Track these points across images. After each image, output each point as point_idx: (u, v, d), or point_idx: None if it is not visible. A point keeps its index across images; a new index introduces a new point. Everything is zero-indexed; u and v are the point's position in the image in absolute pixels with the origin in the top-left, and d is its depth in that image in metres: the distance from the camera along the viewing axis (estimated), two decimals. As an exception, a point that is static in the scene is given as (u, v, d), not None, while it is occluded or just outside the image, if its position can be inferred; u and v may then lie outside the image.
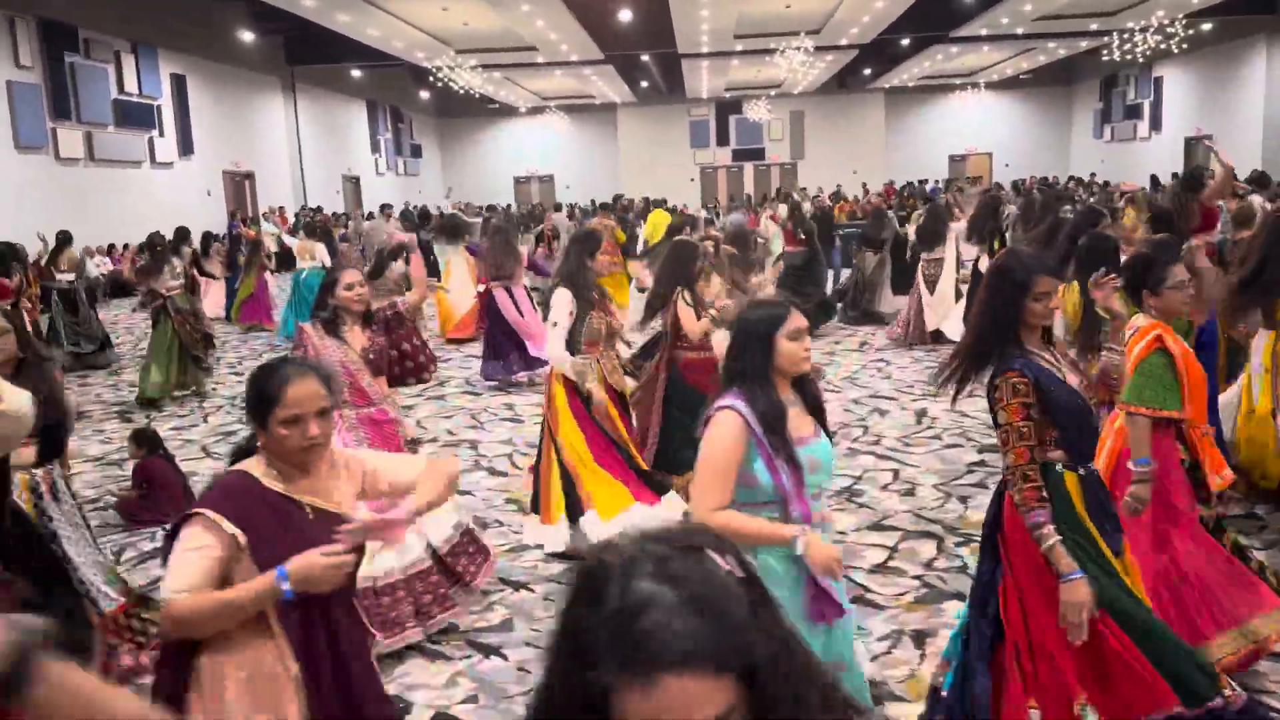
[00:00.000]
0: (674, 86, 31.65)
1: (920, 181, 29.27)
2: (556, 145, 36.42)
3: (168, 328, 8.75)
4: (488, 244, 9.50)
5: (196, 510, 2.11)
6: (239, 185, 24.23)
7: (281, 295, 13.68)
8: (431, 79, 24.31)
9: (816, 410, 2.61)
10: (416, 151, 34.88)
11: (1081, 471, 2.63)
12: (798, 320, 2.52)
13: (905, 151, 35.27)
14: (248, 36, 21.41)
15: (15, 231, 13.46)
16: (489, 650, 3.95)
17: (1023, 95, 35.33)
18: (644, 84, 31.51)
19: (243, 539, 2.08)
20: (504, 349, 8.83)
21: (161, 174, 20.77)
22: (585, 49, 23.87)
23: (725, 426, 2.43)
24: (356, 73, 26.55)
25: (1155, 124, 28.91)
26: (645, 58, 26.35)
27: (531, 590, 4.51)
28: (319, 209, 24.63)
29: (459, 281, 11.16)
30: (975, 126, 35.60)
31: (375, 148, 31.40)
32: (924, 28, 23.09)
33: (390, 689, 3.65)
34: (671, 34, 22.45)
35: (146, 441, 5.83)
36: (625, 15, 20.68)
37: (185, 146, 21.55)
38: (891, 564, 4.64)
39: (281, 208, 24.22)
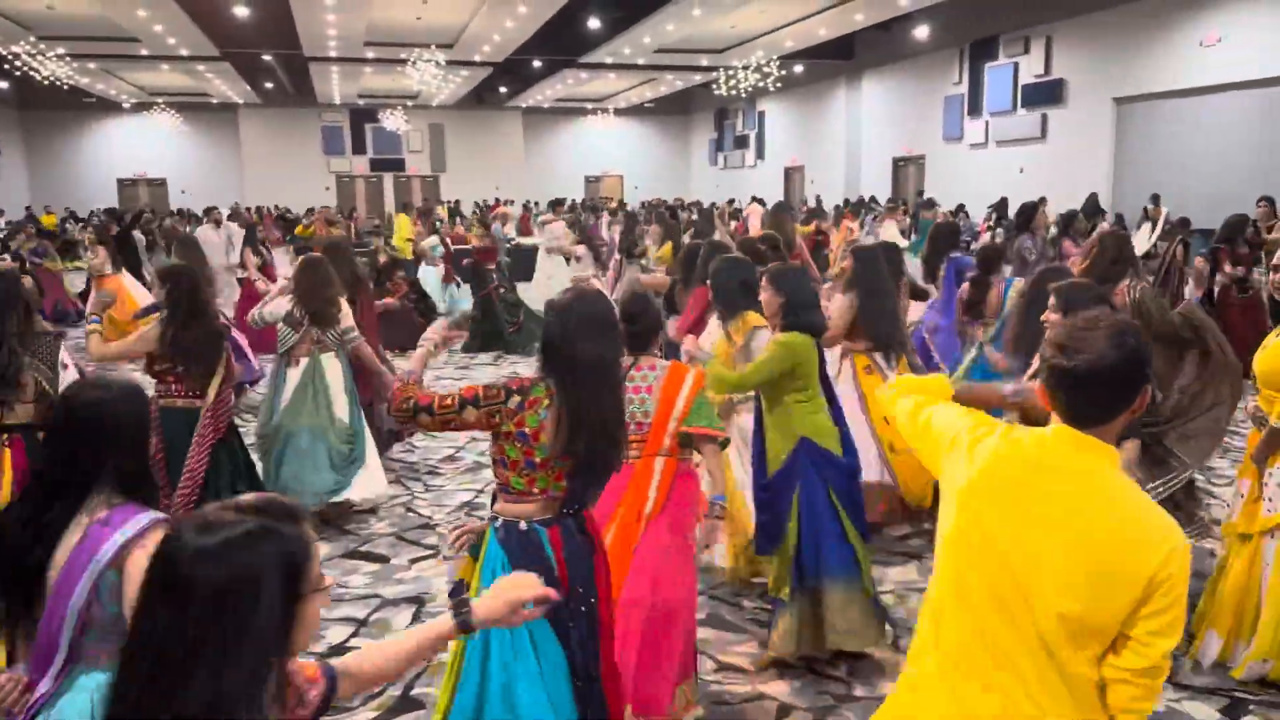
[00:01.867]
0: (303, 89, 30.12)
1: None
2: (168, 146, 33.30)
3: None
4: None
5: None
6: None
7: None
8: (7, 66, 21.17)
9: None
10: (-9, 148, 30.22)
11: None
12: None
13: (545, 170, 36.24)
14: None
15: None
16: None
17: (649, 122, 37.66)
18: (269, 85, 29.68)
19: None
20: None
21: None
22: (198, 44, 21.99)
23: None
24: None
25: (760, 153, 32.05)
26: (268, 58, 24.81)
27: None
28: None
29: None
30: (608, 149, 37.42)
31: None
32: (554, 51, 23.83)
33: None
34: (295, 35, 21.33)
35: None
36: (242, 11, 19.30)
37: None
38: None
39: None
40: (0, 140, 30.96)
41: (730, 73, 22.95)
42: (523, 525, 2.50)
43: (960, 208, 19.53)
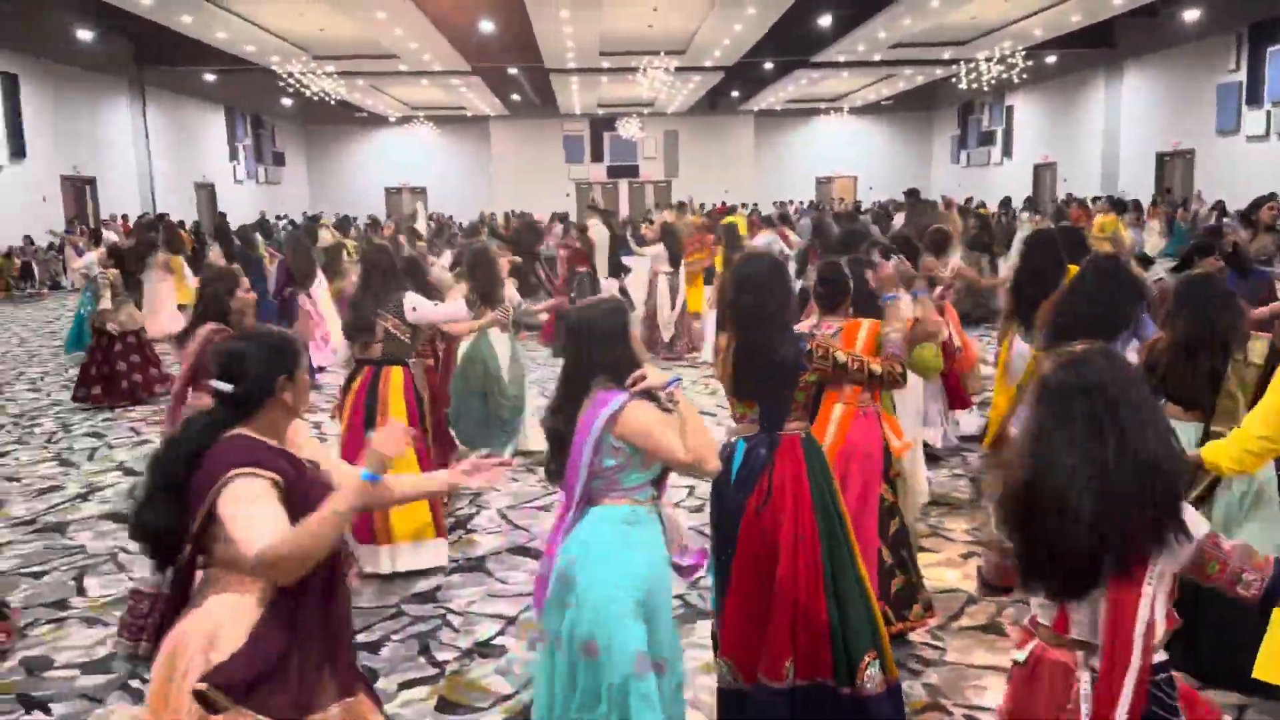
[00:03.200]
0: (547, 101, 31.53)
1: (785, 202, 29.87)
2: (428, 156, 35.87)
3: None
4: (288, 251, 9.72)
5: (233, 474, 2.14)
6: (79, 191, 22.94)
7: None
8: (281, 84, 23.53)
9: None
10: (279, 159, 33.77)
11: None
12: None
13: (775, 173, 35.96)
14: (87, 36, 20.30)
15: None
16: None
17: (885, 120, 36.47)
18: (516, 97, 31.29)
19: (281, 480, 2.19)
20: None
21: (-13, 177, 19.50)
22: (449, 59, 23.51)
23: None
24: (210, 76, 25.52)
25: (1007, 150, 30.21)
26: (513, 71, 26.13)
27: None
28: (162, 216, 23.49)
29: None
30: (841, 150, 36.58)
31: (233, 154, 30.25)
32: (785, 53, 23.57)
33: None
34: (537, 48, 22.33)
35: None
36: (487, 26, 20.46)
37: (16, 149, 20.25)
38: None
39: (125, 215, 23.05)
40: (286, 151, 34.55)
41: (971, 65, 21.78)
42: (731, 440, 3.23)
43: (1219, 205, 17.55)
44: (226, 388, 2.26)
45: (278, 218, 26.85)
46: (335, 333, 9.09)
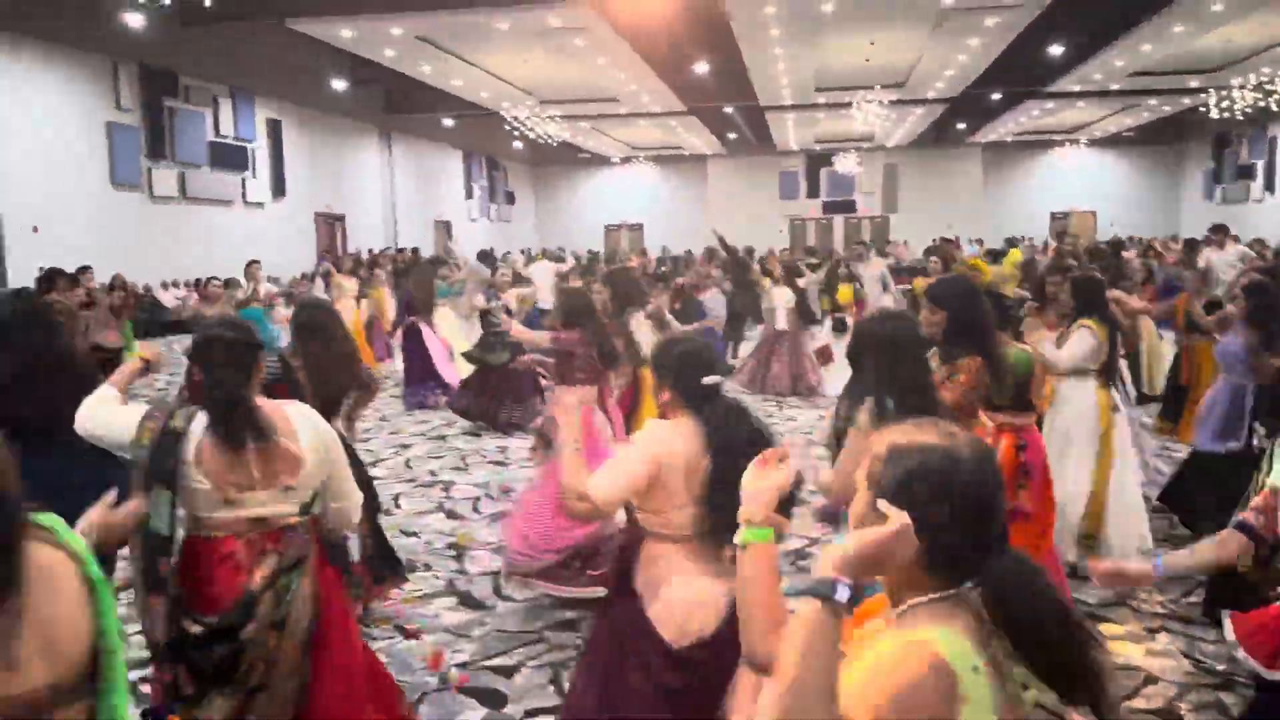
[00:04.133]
0: (763, 138, 31.63)
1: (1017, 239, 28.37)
2: (646, 194, 36.84)
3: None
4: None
5: None
6: (330, 227, 25.20)
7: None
8: (508, 128, 24.87)
9: None
10: (510, 198, 35.72)
11: None
12: None
13: (1005, 207, 34.33)
14: (341, 86, 22.39)
15: (111, 263, 14.31)
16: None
17: (1128, 152, 34.03)
18: (732, 135, 31.60)
19: None
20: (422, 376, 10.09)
21: (254, 213, 21.76)
22: (666, 101, 24.10)
23: None
24: (448, 122, 27.42)
25: (1269, 185, 27.38)
26: (728, 110, 26.43)
27: (416, 638, 4.42)
28: (403, 250, 25.34)
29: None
30: (1078, 183, 34.41)
31: (469, 194, 32.28)
32: (1014, 83, 22.51)
33: None
34: (751, 87, 22.49)
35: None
36: (701, 67, 20.82)
37: (278, 188, 22.55)
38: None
39: (371, 250, 25.08)
40: (517, 190, 36.50)
41: (1223, 93, 19.96)
42: None
43: None
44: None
45: (506, 253, 28.35)
46: (457, 359, 9.86)
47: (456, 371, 9.93)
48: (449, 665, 4.10)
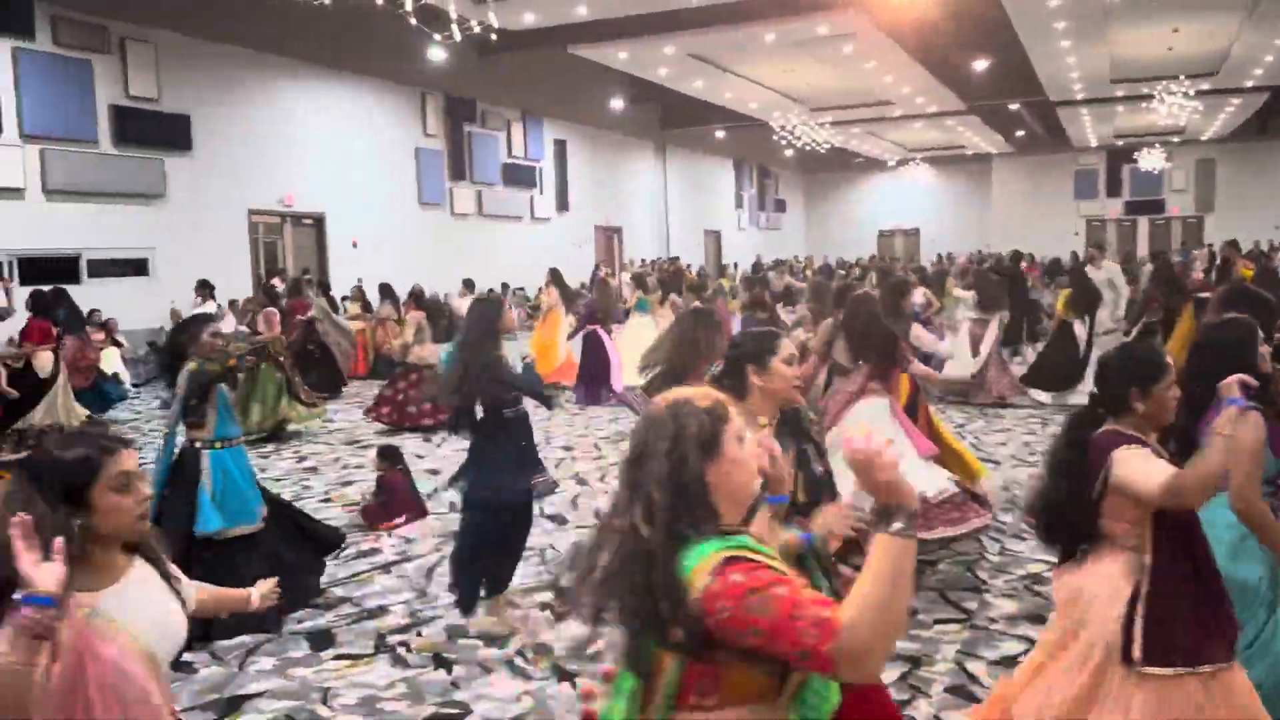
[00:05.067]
0: (1055, 134, 29.65)
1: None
2: (924, 197, 35.65)
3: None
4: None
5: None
6: (608, 238, 26.53)
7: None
8: (775, 138, 25.00)
9: None
10: (780, 206, 35.86)
11: None
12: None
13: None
14: (619, 104, 23.55)
15: (414, 274, 15.99)
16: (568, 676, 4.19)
17: None
18: (1020, 133, 29.88)
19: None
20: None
21: (540, 227, 23.37)
22: (944, 100, 23.27)
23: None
24: (720, 133, 28.02)
25: None
26: (1014, 106, 25.05)
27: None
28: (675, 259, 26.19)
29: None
30: None
31: (738, 203, 32.78)
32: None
33: (463, 694, 4.04)
34: (1038, 81, 21.22)
35: (389, 456, 6.79)
36: (981, 64, 19.93)
37: (562, 203, 24.08)
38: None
39: (644, 259, 26.15)
40: (787, 198, 36.59)
41: None
42: None
43: None
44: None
45: (776, 261, 28.58)
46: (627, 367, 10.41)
47: (623, 378, 10.55)
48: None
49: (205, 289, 12.98)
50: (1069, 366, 10.26)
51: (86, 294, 13.53)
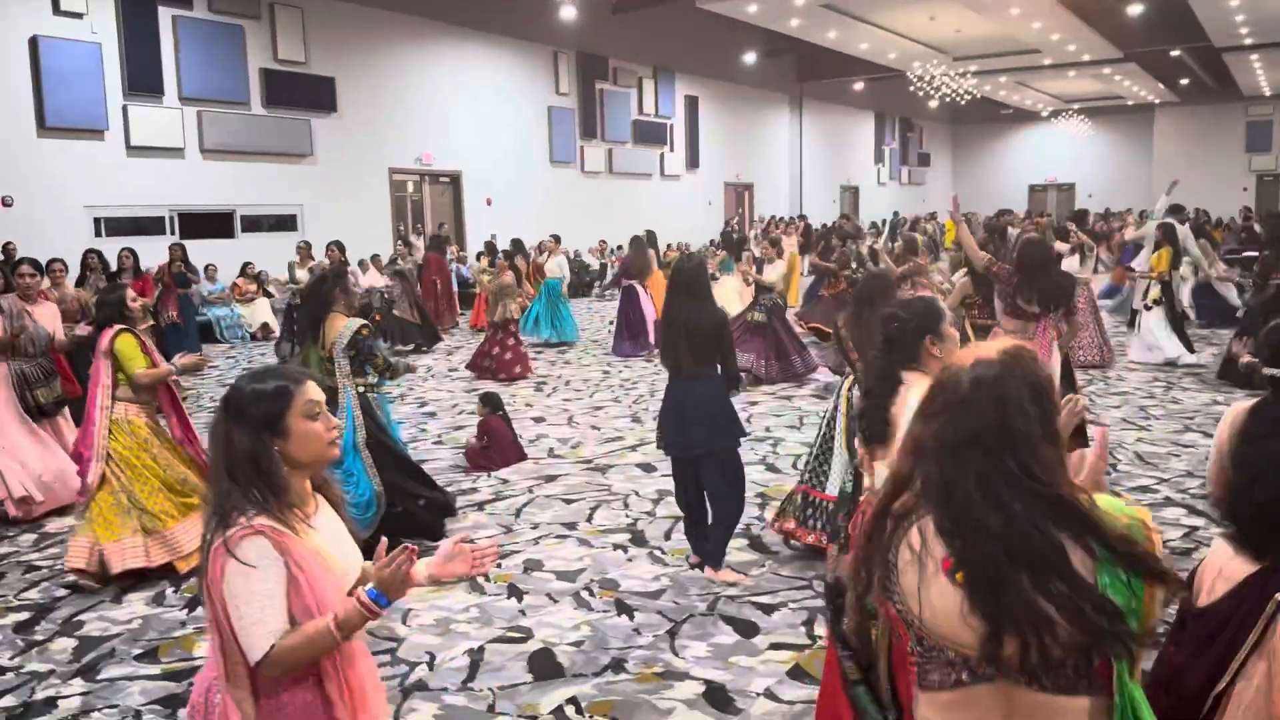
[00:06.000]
0: (1225, 83, 27.61)
1: None
2: (1079, 150, 33.88)
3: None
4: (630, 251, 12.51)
5: None
6: (739, 195, 26.42)
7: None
8: (912, 89, 24.22)
9: None
10: (924, 160, 34.75)
11: None
12: None
13: None
14: (751, 58, 23.25)
15: (543, 230, 16.41)
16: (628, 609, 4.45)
17: None
18: (1184, 81, 27.95)
19: None
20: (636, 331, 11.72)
21: (669, 185, 23.51)
22: (1098, 48, 22.03)
23: None
24: (858, 85, 27.32)
25: None
26: (1175, 54, 23.46)
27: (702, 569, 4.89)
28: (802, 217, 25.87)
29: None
30: None
31: (879, 158, 31.96)
32: None
33: (528, 621, 4.36)
34: (1199, 27, 19.82)
35: (491, 402, 7.18)
36: (1136, 9, 18.76)
37: (692, 160, 24.11)
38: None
39: (774, 216, 25.94)
40: (933, 152, 35.41)
41: None
42: None
43: None
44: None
45: (915, 216, 27.80)
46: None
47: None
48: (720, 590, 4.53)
49: (305, 250, 12.59)
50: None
51: (239, 248, 14.55)
